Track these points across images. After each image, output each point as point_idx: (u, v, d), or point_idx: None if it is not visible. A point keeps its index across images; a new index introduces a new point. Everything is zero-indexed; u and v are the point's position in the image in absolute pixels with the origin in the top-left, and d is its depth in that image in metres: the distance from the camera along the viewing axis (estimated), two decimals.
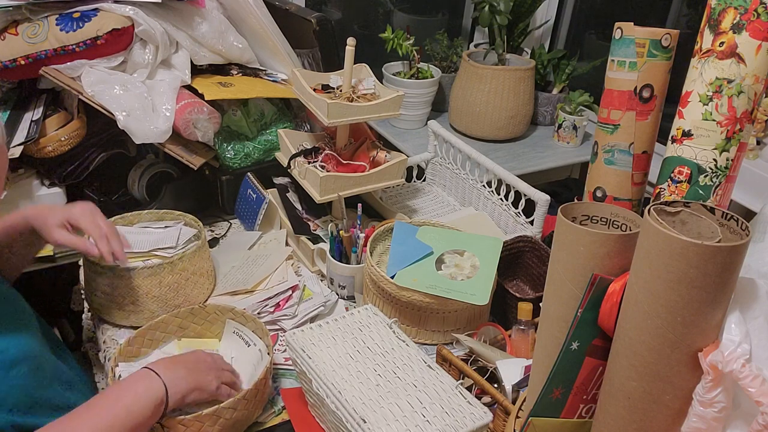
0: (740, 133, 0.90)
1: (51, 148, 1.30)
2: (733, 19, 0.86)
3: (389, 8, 2.49)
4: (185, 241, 1.19)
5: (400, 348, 0.94)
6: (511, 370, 0.94)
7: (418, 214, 1.53)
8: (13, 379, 0.84)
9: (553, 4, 2.39)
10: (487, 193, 1.47)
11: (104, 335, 1.12)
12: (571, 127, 2.04)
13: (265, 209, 1.35)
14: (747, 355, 0.56)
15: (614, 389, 0.65)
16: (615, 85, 1.05)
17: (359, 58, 1.29)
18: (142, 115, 1.27)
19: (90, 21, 1.26)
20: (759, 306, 0.60)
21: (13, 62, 1.26)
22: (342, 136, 1.35)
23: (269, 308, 1.16)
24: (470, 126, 2.05)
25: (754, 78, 0.87)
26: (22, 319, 0.94)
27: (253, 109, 1.45)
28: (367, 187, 1.30)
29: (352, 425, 0.82)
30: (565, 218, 0.66)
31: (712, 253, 0.54)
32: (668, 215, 0.61)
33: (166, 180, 1.43)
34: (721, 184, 0.93)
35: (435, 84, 2.08)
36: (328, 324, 0.97)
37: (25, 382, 0.86)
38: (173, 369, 0.89)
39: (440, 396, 0.85)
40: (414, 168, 1.63)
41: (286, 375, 1.06)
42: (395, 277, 1.10)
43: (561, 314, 0.68)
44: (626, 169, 1.08)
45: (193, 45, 1.39)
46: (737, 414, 0.60)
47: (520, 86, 1.99)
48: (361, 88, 1.33)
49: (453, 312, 1.11)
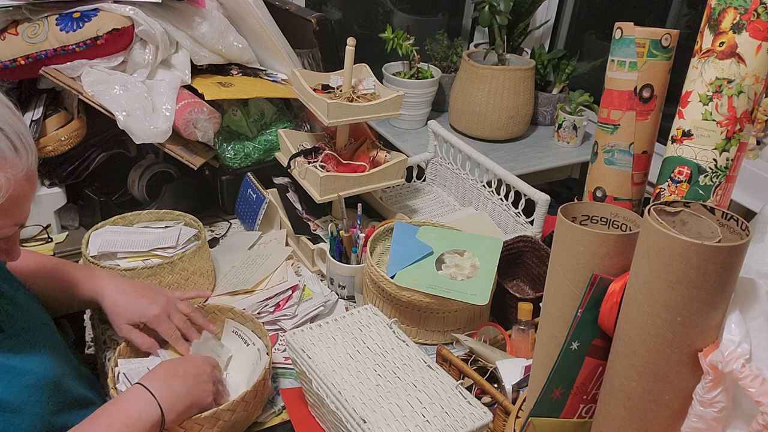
0: (740, 133, 0.90)
1: (51, 148, 1.30)
2: (733, 19, 0.86)
3: (389, 8, 2.49)
4: (185, 241, 1.19)
5: (400, 348, 0.94)
6: (511, 370, 0.94)
7: (418, 214, 1.53)
8: (33, 406, 0.81)
9: (553, 4, 2.39)
10: (487, 193, 1.47)
11: (104, 335, 1.12)
12: (571, 127, 2.04)
13: (265, 209, 1.35)
14: (747, 355, 0.56)
15: (614, 389, 0.65)
16: (615, 85, 1.05)
17: (359, 58, 1.29)
18: (142, 115, 1.27)
19: (90, 21, 1.26)
20: (759, 306, 0.60)
21: (13, 62, 1.26)
22: (342, 136, 1.35)
23: (269, 308, 1.16)
24: (470, 126, 2.05)
25: (754, 78, 0.87)
26: (48, 336, 0.92)
27: (253, 109, 1.45)
28: (367, 187, 1.30)
29: (352, 425, 0.82)
30: (565, 218, 0.66)
31: (712, 253, 0.54)
32: (668, 215, 0.61)
33: (166, 180, 1.43)
34: (721, 184, 0.93)
35: (435, 84, 2.09)
36: (328, 324, 0.97)
37: (43, 410, 0.83)
38: (170, 386, 0.86)
39: (440, 396, 0.85)
40: (414, 168, 1.63)
41: (286, 375, 1.06)
42: (395, 277, 1.10)
43: (561, 314, 0.68)
44: (626, 169, 1.08)
45: (193, 45, 1.39)
46: (737, 414, 0.60)
47: (520, 86, 1.99)
48: (361, 88, 1.33)
49: (453, 312, 1.11)
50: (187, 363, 0.92)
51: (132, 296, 1.00)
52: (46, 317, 0.96)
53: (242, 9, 1.45)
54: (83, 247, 1.14)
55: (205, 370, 0.92)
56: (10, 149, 0.73)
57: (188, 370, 0.90)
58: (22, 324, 0.87)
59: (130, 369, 0.98)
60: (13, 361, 0.82)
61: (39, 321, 0.93)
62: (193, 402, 0.87)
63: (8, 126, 0.73)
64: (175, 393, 0.85)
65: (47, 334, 0.93)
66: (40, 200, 1.34)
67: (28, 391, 0.81)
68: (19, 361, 0.82)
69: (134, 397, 0.84)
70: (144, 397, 0.83)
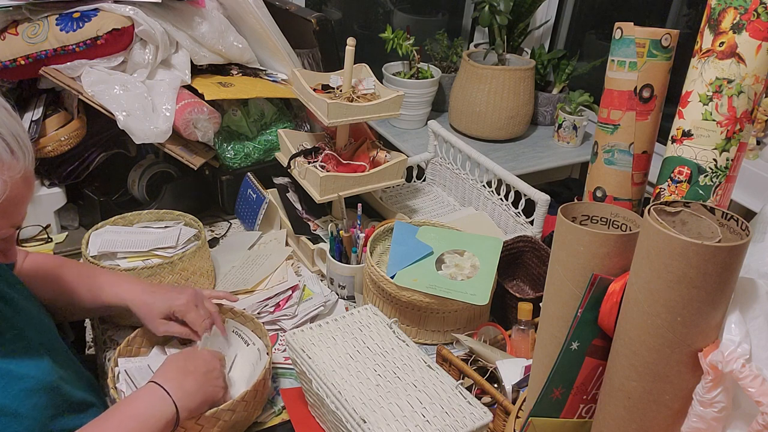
0: (740, 133, 0.90)
1: (51, 148, 1.30)
2: (733, 19, 0.86)
3: (389, 8, 2.49)
4: (185, 241, 1.19)
5: (400, 348, 0.94)
6: (511, 370, 0.94)
7: (418, 214, 1.53)
8: (30, 410, 0.80)
9: (553, 4, 2.39)
10: (487, 193, 1.47)
11: (104, 335, 1.12)
12: (571, 127, 2.04)
13: (265, 209, 1.35)
14: (747, 355, 0.56)
15: (614, 389, 0.65)
16: (615, 85, 1.05)
17: (359, 58, 1.29)
18: (142, 115, 1.27)
19: (90, 21, 1.26)
20: (759, 306, 0.60)
21: (13, 62, 1.26)
22: (342, 136, 1.35)
23: (269, 308, 1.16)
24: (470, 126, 2.05)
25: (754, 78, 0.87)
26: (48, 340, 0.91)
27: (253, 109, 1.45)
28: (367, 187, 1.30)
29: (352, 425, 0.82)
30: (565, 218, 0.66)
31: (712, 253, 0.54)
32: (668, 215, 0.61)
33: (166, 180, 1.43)
34: (721, 184, 0.93)
35: (435, 84, 2.09)
36: (328, 324, 0.97)
37: (41, 414, 0.82)
38: (183, 383, 0.86)
39: (440, 396, 0.85)
40: (414, 168, 1.63)
41: (286, 375, 1.06)
42: (395, 277, 1.10)
43: (561, 314, 0.68)
44: (626, 169, 1.08)
45: (193, 45, 1.39)
46: (737, 414, 0.60)
47: (520, 86, 1.99)
48: (361, 88, 1.33)
49: (453, 312, 1.11)
50: (196, 359, 0.92)
51: (159, 293, 1.01)
52: (46, 320, 0.96)
53: (242, 9, 1.45)
54: (83, 247, 1.14)
55: (215, 366, 0.92)
56: (7, 151, 0.72)
57: (198, 367, 0.90)
58: (20, 327, 0.87)
59: (131, 367, 0.98)
60: (10, 365, 0.81)
61: (38, 324, 0.92)
62: (204, 399, 0.87)
63: (5, 128, 0.72)
64: (187, 391, 0.85)
65: (47, 338, 0.92)
66: (40, 200, 1.34)
67: (25, 396, 0.80)
68: (16, 366, 0.82)
69: (149, 396, 0.84)
70: (158, 394, 0.83)
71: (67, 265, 1.05)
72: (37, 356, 0.85)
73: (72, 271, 1.04)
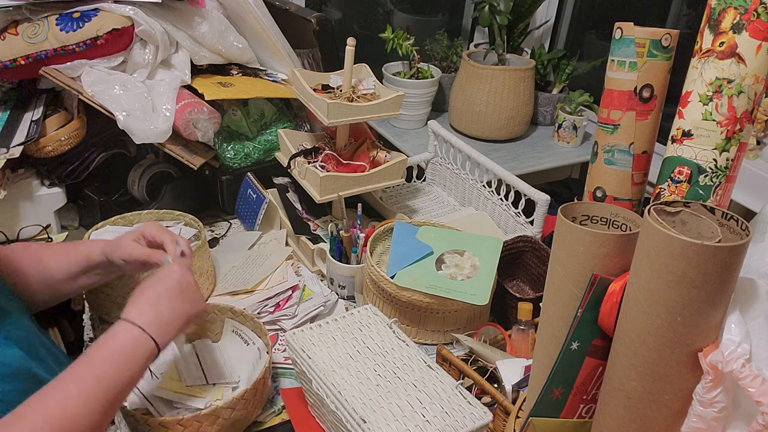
0: (740, 133, 0.90)
1: (51, 148, 1.30)
2: (733, 19, 0.86)
3: (389, 8, 2.49)
4: None
5: (400, 348, 0.94)
6: (511, 370, 0.94)
7: (418, 214, 1.53)
8: (8, 395, 0.77)
9: (553, 4, 2.38)
10: (487, 193, 1.47)
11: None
12: (571, 127, 2.04)
13: (265, 209, 1.35)
14: (747, 355, 0.56)
15: (614, 389, 0.65)
16: (615, 85, 1.05)
17: (359, 58, 1.29)
18: (142, 115, 1.27)
19: (90, 21, 1.26)
20: (759, 306, 0.60)
21: (13, 62, 1.26)
22: (342, 136, 1.35)
23: (269, 308, 1.16)
24: (470, 126, 2.05)
25: (754, 78, 0.87)
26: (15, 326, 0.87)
27: (253, 109, 1.45)
28: (367, 187, 1.30)
29: (352, 425, 0.82)
30: (565, 218, 0.66)
31: (712, 253, 0.54)
32: (668, 215, 0.61)
33: (166, 180, 1.43)
34: (721, 184, 0.93)
35: (435, 84, 2.09)
36: (328, 324, 0.97)
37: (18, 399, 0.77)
38: (157, 313, 0.80)
39: (440, 396, 0.85)
40: (414, 168, 1.63)
41: (286, 375, 1.06)
42: (395, 277, 1.10)
43: (561, 314, 0.68)
44: (626, 169, 1.08)
45: (193, 45, 1.39)
46: (737, 414, 0.60)
47: (520, 86, 1.99)
48: (361, 88, 1.33)
49: (453, 312, 1.11)
50: (166, 280, 0.85)
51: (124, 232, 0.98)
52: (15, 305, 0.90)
53: (242, 9, 1.45)
54: None
55: (188, 279, 0.86)
56: None
57: (171, 287, 0.84)
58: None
59: None
60: None
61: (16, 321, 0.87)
62: (185, 322, 0.84)
63: None
64: (164, 319, 0.81)
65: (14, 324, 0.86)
66: (40, 200, 1.34)
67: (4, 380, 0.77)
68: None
69: (123, 336, 0.78)
70: (133, 333, 0.78)
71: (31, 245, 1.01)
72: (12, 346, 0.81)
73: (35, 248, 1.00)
